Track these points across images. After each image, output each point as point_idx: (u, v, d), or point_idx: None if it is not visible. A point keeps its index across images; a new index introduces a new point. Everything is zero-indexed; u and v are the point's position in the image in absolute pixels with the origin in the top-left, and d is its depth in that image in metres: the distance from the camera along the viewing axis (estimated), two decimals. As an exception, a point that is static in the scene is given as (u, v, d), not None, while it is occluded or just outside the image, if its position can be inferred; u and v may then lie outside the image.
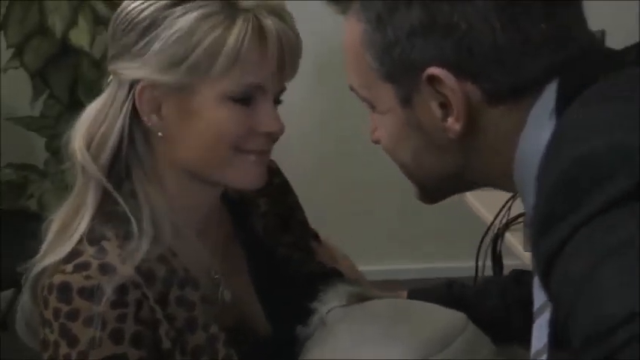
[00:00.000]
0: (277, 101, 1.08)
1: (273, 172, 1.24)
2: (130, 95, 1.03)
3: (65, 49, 2.39)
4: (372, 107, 0.91)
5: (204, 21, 0.99)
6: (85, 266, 1.00)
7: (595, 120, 0.75)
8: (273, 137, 1.07)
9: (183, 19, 0.99)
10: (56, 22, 2.30)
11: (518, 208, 1.86)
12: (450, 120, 0.83)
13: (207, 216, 1.13)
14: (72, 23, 2.32)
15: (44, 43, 2.36)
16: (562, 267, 0.70)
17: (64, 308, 0.99)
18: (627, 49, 0.85)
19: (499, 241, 1.82)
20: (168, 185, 1.07)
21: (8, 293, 2.41)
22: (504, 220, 1.83)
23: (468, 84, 0.81)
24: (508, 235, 1.82)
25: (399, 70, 0.84)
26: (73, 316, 0.99)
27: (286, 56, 1.03)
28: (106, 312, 0.98)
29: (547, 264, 0.72)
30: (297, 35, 1.05)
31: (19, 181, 2.49)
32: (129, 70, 1.03)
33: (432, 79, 0.82)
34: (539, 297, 0.90)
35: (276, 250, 1.20)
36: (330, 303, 1.10)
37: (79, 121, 1.08)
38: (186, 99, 1.02)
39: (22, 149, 2.63)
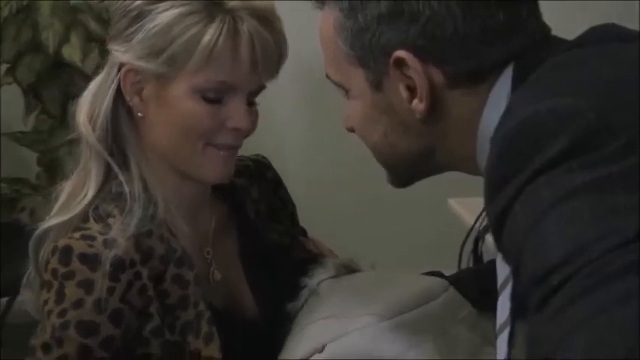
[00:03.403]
0: (252, 102, 1.14)
1: (265, 167, 1.31)
2: (118, 76, 1.11)
3: (57, 66, 2.43)
4: (346, 92, 0.96)
5: (183, 18, 1.06)
6: (90, 238, 1.07)
7: (538, 89, 0.82)
8: (241, 134, 1.12)
9: (165, 14, 1.07)
10: (49, 38, 2.35)
11: None
12: (415, 101, 0.89)
13: (196, 201, 1.18)
14: (64, 39, 2.37)
15: (37, 59, 2.40)
16: (511, 223, 0.76)
17: (62, 269, 1.05)
18: (576, 38, 0.92)
19: (480, 243, 1.87)
20: (154, 167, 1.13)
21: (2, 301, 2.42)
22: (485, 223, 1.89)
23: (431, 67, 0.88)
24: (489, 237, 1.87)
25: (369, 54, 0.90)
26: (68, 276, 1.05)
27: (259, 59, 1.08)
28: (99, 280, 1.04)
29: (498, 224, 0.78)
30: (277, 39, 1.10)
31: (11, 195, 2.53)
32: (118, 52, 1.11)
33: (399, 63, 0.88)
34: (502, 272, 0.95)
35: (266, 235, 1.25)
36: (320, 276, 1.15)
37: (84, 93, 1.16)
38: (164, 87, 1.09)
39: (15, 164, 2.67)
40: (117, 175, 1.12)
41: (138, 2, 1.09)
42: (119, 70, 1.11)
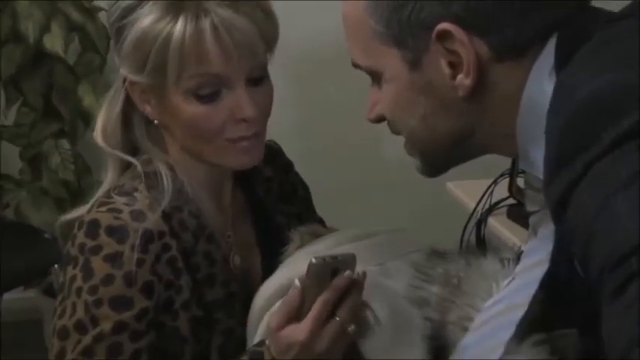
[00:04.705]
0: (257, 80, 1.10)
1: (276, 151, 1.31)
2: (124, 87, 1.12)
3: (38, 56, 2.37)
4: (378, 77, 0.91)
5: (152, 27, 1.05)
6: (117, 210, 1.07)
7: (598, 63, 0.77)
8: (254, 121, 1.10)
9: (137, 27, 1.06)
10: (29, 28, 2.28)
11: (499, 194, 1.90)
12: (460, 77, 0.84)
13: (219, 184, 1.19)
14: (45, 29, 2.30)
15: (17, 50, 2.33)
16: (578, 201, 0.72)
17: (89, 243, 1.05)
18: (623, 9, 0.88)
19: (482, 226, 1.84)
20: (179, 160, 1.14)
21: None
22: (487, 206, 1.87)
23: (476, 39, 0.83)
24: (491, 220, 1.85)
25: (408, 31, 0.85)
26: (95, 250, 1.05)
27: (231, 47, 1.05)
28: (127, 253, 1.04)
29: (562, 200, 0.74)
30: (256, 22, 1.07)
31: (-6, 191, 2.46)
32: (119, 65, 1.11)
33: (443, 36, 0.83)
34: (532, 255, 0.93)
35: (275, 216, 1.24)
36: (289, 250, 1.15)
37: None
38: (162, 96, 1.09)
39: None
40: (138, 164, 1.12)
41: (115, 15, 1.09)
42: (124, 82, 1.12)
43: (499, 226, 1.82)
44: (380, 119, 0.94)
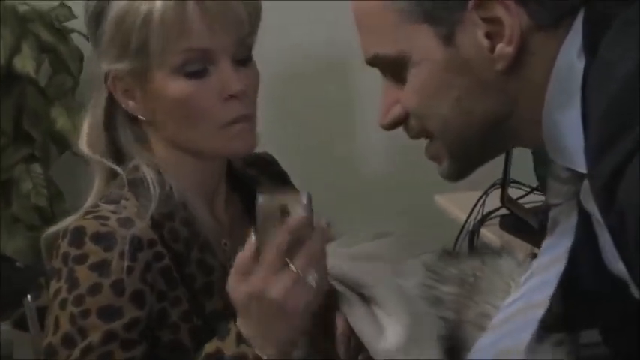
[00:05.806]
0: (243, 60, 1.09)
1: (270, 163, 1.29)
2: (106, 86, 1.10)
3: (9, 79, 2.30)
4: (402, 66, 0.86)
5: (131, 3, 1.04)
6: (104, 218, 1.03)
7: (635, 39, 0.76)
8: (243, 99, 1.07)
9: (116, 6, 1.05)
10: (0, 49, 2.22)
11: (490, 205, 1.88)
12: (500, 46, 0.81)
13: (211, 188, 1.15)
14: (16, 50, 2.24)
15: (-14, 73, 2.27)
16: (631, 178, 0.71)
17: (74, 252, 1.00)
18: None
19: (475, 237, 1.82)
20: (166, 161, 1.10)
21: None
22: (479, 217, 1.85)
23: (517, 6, 0.81)
24: (484, 231, 1.83)
25: (442, 3, 0.82)
26: (80, 259, 1.00)
27: (217, 19, 1.04)
28: (115, 261, 0.99)
29: (613, 178, 0.72)
30: None
31: (-36, 220, 2.38)
32: (99, 62, 1.09)
33: (481, 3, 0.80)
34: (550, 252, 0.90)
35: None
36: None
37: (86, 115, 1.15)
38: (148, 82, 1.07)
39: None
40: (123, 174, 1.09)
41: (94, 2, 1.09)
42: (105, 80, 1.10)
43: (492, 236, 1.81)
44: (397, 123, 0.89)
